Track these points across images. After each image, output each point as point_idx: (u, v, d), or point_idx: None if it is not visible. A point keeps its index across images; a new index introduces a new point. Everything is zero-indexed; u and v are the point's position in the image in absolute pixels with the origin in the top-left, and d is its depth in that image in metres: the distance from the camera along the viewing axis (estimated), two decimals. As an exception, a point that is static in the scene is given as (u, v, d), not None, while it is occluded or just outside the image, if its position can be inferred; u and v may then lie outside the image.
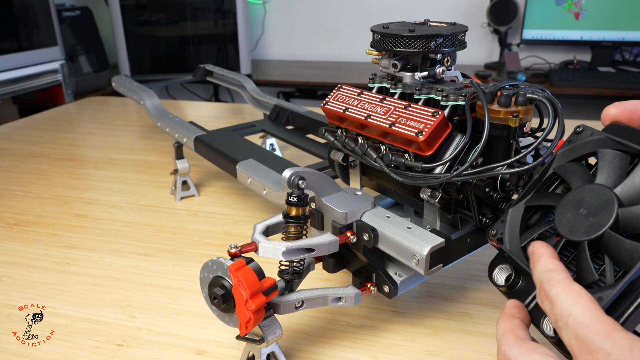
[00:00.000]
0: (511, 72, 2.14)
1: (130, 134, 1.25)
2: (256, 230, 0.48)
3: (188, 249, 0.71)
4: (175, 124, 0.88)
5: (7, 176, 0.99)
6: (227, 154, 0.74)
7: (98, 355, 0.51)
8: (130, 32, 2.29)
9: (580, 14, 2.15)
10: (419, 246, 0.43)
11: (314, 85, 2.28)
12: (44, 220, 0.80)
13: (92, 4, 2.50)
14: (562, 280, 0.30)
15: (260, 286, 0.42)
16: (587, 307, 0.28)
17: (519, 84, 0.45)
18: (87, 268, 0.67)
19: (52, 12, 1.88)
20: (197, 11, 2.37)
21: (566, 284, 0.30)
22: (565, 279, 0.31)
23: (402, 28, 0.49)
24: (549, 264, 0.32)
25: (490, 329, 0.53)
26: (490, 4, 2.28)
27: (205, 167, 0.97)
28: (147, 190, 0.90)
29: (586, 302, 0.29)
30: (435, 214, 0.50)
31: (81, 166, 1.04)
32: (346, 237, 0.48)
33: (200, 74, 1.25)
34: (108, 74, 2.33)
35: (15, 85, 1.75)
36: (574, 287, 0.30)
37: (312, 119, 0.88)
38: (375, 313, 0.56)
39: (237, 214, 0.81)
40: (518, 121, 0.42)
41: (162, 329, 0.55)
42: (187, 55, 2.42)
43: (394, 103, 0.48)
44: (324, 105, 0.54)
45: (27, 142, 1.20)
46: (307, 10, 2.67)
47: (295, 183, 0.45)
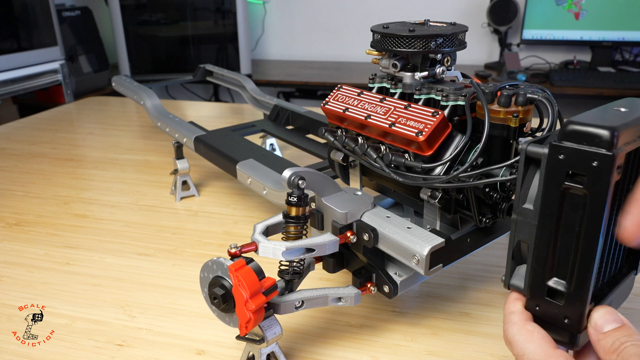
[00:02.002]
0: (511, 72, 2.14)
1: (130, 134, 1.25)
2: (256, 230, 0.48)
3: (188, 249, 0.71)
4: (175, 124, 0.88)
5: (7, 176, 0.99)
6: (227, 154, 0.74)
7: (98, 355, 0.51)
8: (130, 32, 2.29)
9: (580, 14, 2.15)
10: (419, 246, 0.43)
11: (314, 85, 2.28)
12: (44, 220, 0.80)
13: (92, 4, 2.50)
14: (518, 322, 0.34)
15: (260, 286, 0.42)
16: (537, 344, 0.33)
17: (519, 84, 0.45)
18: (87, 268, 0.67)
19: (52, 12, 1.88)
20: (197, 11, 2.37)
21: (521, 325, 0.34)
22: (521, 320, 0.34)
23: (402, 28, 0.49)
24: (511, 306, 0.36)
25: (491, 329, 0.54)
26: (490, 4, 2.28)
27: (205, 167, 0.97)
28: (147, 190, 0.90)
29: (537, 340, 0.33)
30: (435, 214, 0.50)
31: (81, 166, 1.04)
32: (346, 237, 0.48)
33: (200, 74, 1.25)
34: (108, 74, 2.33)
35: (15, 85, 1.75)
36: (528, 327, 0.34)
37: (312, 119, 0.88)
38: (375, 313, 0.56)
39: (237, 214, 0.81)
40: (518, 121, 0.42)
41: (162, 329, 0.55)
42: (187, 55, 2.42)
43: (394, 103, 0.48)
44: (324, 105, 0.54)
45: (27, 142, 1.20)
46: (307, 10, 2.67)
47: (295, 183, 0.45)
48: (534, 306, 0.35)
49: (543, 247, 0.33)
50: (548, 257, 0.33)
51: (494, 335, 0.53)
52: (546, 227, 0.32)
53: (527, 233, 0.34)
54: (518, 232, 0.34)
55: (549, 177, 0.31)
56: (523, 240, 0.34)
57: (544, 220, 0.32)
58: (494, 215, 0.46)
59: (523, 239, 0.34)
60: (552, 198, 0.32)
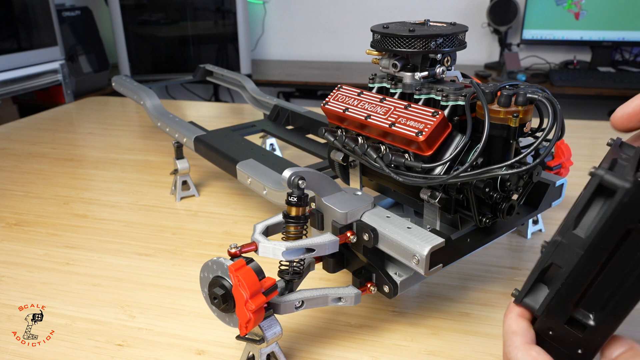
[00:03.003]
0: (511, 72, 2.14)
1: (130, 134, 1.25)
2: (256, 230, 0.48)
3: (188, 249, 0.71)
4: (175, 124, 0.88)
5: (7, 176, 0.99)
6: (227, 154, 0.74)
7: (98, 355, 0.51)
8: (130, 32, 2.29)
9: (580, 14, 2.15)
10: (419, 246, 0.43)
11: (314, 85, 2.28)
12: (44, 220, 0.80)
13: (92, 4, 2.50)
14: (521, 346, 0.33)
15: (260, 286, 0.42)
16: None
17: (519, 84, 0.45)
18: (87, 268, 0.67)
19: (52, 12, 1.88)
20: (197, 11, 2.37)
21: (524, 350, 0.33)
22: (524, 343, 0.33)
23: (402, 28, 0.49)
24: (514, 324, 0.34)
25: (491, 329, 0.54)
26: (490, 4, 2.28)
27: (205, 167, 0.97)
28: (147, 190, 0.90)
29: None
30: (435, 214, 0.50)
31: (81, 166, 1.04)
32: (346, 237, 0.48)
33: (200, 74, 1.25)
34: (108, 74, 2.33)
35: (15, 85, 1.75)
36: (532, 352, 0.32)
37: (312, 119, 0.88)
38: (375, 313, 0.56)
39: (237, 214, 0.81)
40: (518, 121, 0.42)
41: (162, 329, 0.55)
42: (187, 55, 2.42)
43: (394, 103, 0.48)
44: (324, 105, 0.54)
45: (27, 142, 1.20)
46: (307, 10, 2.67)
47: (295, 183, 0.45)
48: (547, 330, 0.34)
49: (582, 277, 0.31)
50: (581, 287, 0.31)
51: (494, 335, 0.53)
52: (593, 259, 0.30)
53: (566, 259, 0.32)
54: (555, 255, 0.32)
55: (618, 213, 0.29)
56: (557, 264, 0.32)
57: (594, 252, 0.30)
58: (494, 215, 0.46)
59: (559, 263, 0.32)
60: (613, 234, 0.29)
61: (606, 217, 0.29)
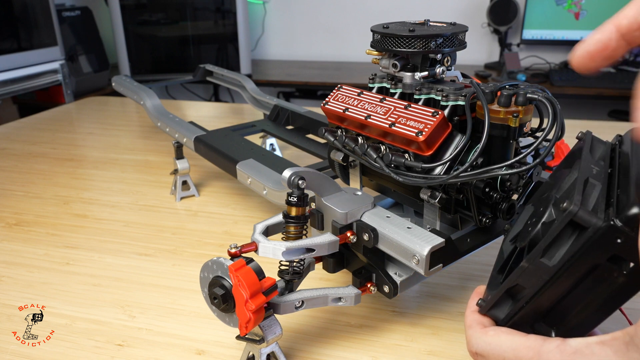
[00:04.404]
0: (511, 72, 2.14)
1: (130, 134, 1.25)
2: (256, 230, 0.48)
3: (188, 249, 0.71)
4: (175, 124, 0.88)
5: (7, 176, 0.99)
6: (227, 154, 0.74)
7: (98, 355, 0.51)
8: (130, 32, 2.29)
9: (580, 14, 2.15)
10: (419, 246, 0.43)
11: (314, 85, 2.28)
12: (44, 220, 0.80)
13: (92, 4, 2.50)
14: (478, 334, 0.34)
15: (260, 286, 0.42)
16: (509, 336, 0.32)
17: (519, 84, 0.45)
18: (87, 268, 0.67)
19: (52, 12, 1.88)
20: (197, 11, 2.37)
21: (481, 334, 0.34)
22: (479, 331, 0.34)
23: (402, 28, 0.49)
24: (468, 320, 0.36)
25: (490, 329, 0.53)
26: (490, 4, 2.28)
27: (205, 167, 0.97)
28: (147, 190, 0.90)
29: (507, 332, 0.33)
30: (435, 214, 0.50)
31: (81, 166, 1.04)
32: (346, 237, 0.48)
33: (200, 74, 1.25)
34: (108, 74, 2.34)
35: (15, 85, 1.75)
36: (490, 332, 0.33)
37: (312, 119, 0.88)
38: (375, 313, 0.56)
39: (237, 214, 0.81)
40: (518, 121, 0.42)
41: (162, 329, 0.55)
42: (187, 55, 2.42)
43: (394, 103, 0.48)
44: (324, 105, 0.54)
45: (27, 142, 1.20)
46: (307, 10, 2.67)
47: (295, 183, 0.45)
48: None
49: (546, 300, 0.32)
50: (543, 308, 0.32)
51: (494, 335, 0.52)
52: (559, 286, 0.30)
53: (533, 283, 0.32)
54: (522, 278, 0.32)
55: (589, 251, 0.28)
56: (522, 285, 0.33)
57: (560, 280, 0.30)
58: (494, 215, 0.46)
59: (525, 286, 0.32)
60: (582, 268, 0.29)
61: (574, 250, 0.29)
